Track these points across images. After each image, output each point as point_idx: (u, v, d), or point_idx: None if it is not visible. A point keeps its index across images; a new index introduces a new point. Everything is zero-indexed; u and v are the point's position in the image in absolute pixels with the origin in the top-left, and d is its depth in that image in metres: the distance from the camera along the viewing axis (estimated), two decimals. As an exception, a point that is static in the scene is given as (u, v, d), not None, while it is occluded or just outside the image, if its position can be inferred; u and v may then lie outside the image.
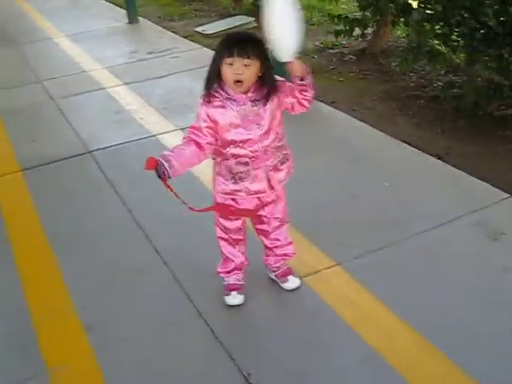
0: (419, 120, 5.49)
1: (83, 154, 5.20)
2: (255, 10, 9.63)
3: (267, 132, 2.83)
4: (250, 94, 2.78)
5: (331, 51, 7.62)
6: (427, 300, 3.13)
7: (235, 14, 9.87)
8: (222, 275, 3.23)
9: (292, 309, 3.20)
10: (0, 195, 4.65)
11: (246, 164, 2.85)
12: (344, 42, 7.83)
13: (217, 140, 2.85)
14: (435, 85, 6.11)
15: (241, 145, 2.82)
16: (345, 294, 3.21)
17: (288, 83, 2.85)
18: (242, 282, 3.24)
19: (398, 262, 3.43)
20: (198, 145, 2.82)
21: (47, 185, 4.76)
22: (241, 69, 2.68)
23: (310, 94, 2.84)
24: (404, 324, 2.96)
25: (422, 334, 2.89)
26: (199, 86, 6.38)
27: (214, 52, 2.78)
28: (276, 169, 2.91)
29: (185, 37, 8.87)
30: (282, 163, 2.94)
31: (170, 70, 7.26)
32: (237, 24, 8.95)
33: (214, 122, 2.80)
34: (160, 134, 5.41)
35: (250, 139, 2.81)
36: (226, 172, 2.90)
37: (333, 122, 5.33)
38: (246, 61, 2.67)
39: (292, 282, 3.26)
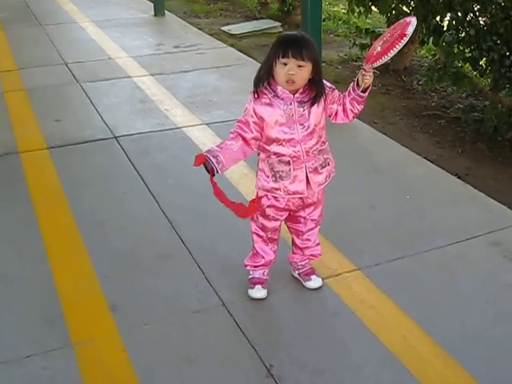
0: (439, 139, 5.61)
1: (109, 138, 5.29)
2: (280, 16, 9.78)
3: (311, 134, 2.92)
4: (297, 95, 2.88)
5: (355, 63, 7.73)
6: (444, 311, 3.22)
7: (261, 18, 9.98)
8: (249, 268, 3.32)
9: (313, 307, 3.29)
10: (27, 171, 4.73)
11: (288, 163, 2.94)
12: (368, 56, 7.94)
13: (262, 136, 2.94)
14: (456, 106, 6.22)
15: (284, 143, 2.91)
16: (364, 298, 3.30)
17: (338, 91, 2.95)
18: (267, 277, 3.32)
19: (416, 273, 3.51)
20: (245, 140, 2.92)
21: (73, 165, 4.86)
22: (294, 69, 2.77)
23: (359, 108, 2.92)
24: (422, 332, 3.05)
25: (439, 342, 2.98)
26: (224, 85, 6.64)
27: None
28: (316, 171, 3.00)
29: (210, 34, 8.98)
30: (323, 167, 3.03)
31: (195, 65, 7.35)
32: (263, 27, 9.07)
33: (261, 118, 2.90)
34: (185, 126, 5.50)
35: (293, 139, 2.90)
36: (267, 169, 2.99)
37: (355, 133, 5.41)
38: (300, 62, 2.76)
39: (315, 282, 3.36)
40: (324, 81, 2.94)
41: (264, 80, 2.89)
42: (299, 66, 2.77)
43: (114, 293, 3.36)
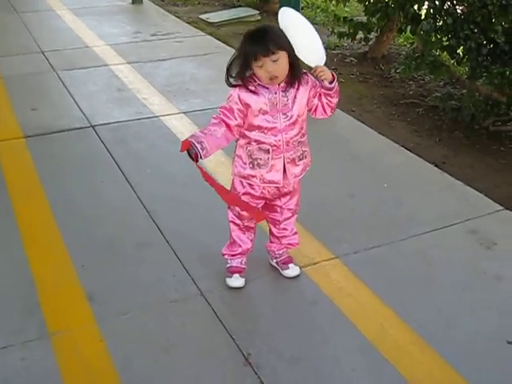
0: (417, 127, 5.63)
1: (86, 127, 5.25)
2: (258, 4, 9.75)
3: (293, 124, 2.92)
4: (282, 84, 2.87)
5: (333, 52, 7.71)
6: (421, 299, 3.24)
7: (239, 6, 9.94)
8: (226, 257, 3.32)
9: (290, 296, 3.29)
10: (2, 160, 4.68)
11: (267, 152, 2.93)
12: (346, 44, 7.95)
13: (244, 123, 2.93)
14: (434, 95, 6.24)
15: (265, 131, 2.90)
16: (342, 286, 3.31)
17: (312, 77, 2.94)
18: (244, 266, 3.32)
19: (394, 261, 3.54)
20: (228, 126, 2.90)
21: (50, 154, 4.81)
22: (271, 66, 2.75)
23: (334, 101, 2.94)
24: (399, 320, 3.07)
25: (416, 330, 3.00)
26: (202, 73, 6.61)
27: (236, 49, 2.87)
28: (293, 163, 3.00)
29: (188, 23, 8.93)
30: (300, 159, 3.03)
31: (173, 53, 7.31)
32: (242, 15, 9.03)
33: (246, 105, 2.87)
34: (163, 115, 5.47)
35: (275, 127, 2.90)
36: (245, 156, 2.98)
37: (333, 121, 5.36)
38: (273, 56, 2.74)
39: (292, 270, 3.36)
40: (309, 74, 2.93)
41: (245, 73, 2.85)
42: (274, 61, 2.75)
43: (91, 282, 3.34)
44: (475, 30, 5.05)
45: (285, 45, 2.79)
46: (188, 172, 4.12)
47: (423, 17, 5.70)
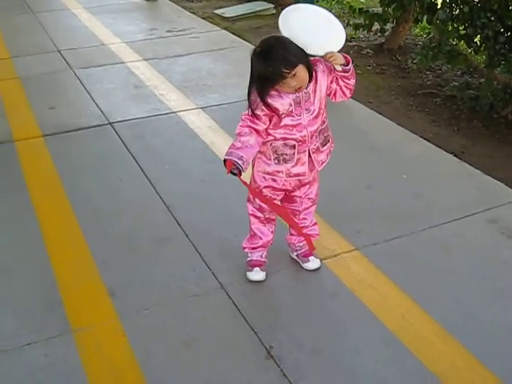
0: (435, 117, 5.60)
1: (104, 124, 5.27)
2: (273, -3, 9.71)
3: (316, 117, 2.93)
4: None
5: (349, 44, 7.65)
6: (442, 289, 3.23)
7: (254, 0, 9.91)
8: (247, 250, 3.32)
9: (311, 288, 3.29)
10: (22, 159, 4.71)
11: (293, 147, 2.94)
12: (362, 36, 7.91)
13: (270, 123, 2.92)
14: (452, 84, 6.19)
15: (290, 128, 2.90)
16: (363, 278, 3.31)
17: (327, 64, 2.92)
18: (265, 260, 3.33)
19: (414, 252, 3.52)
20: (257, 132, 2.90)
21: (68, 152, 4.83)
22: (292, 81, 2.75)
23: (351, 83, 2.92)
24: (420, 310, 3.07)
25: (438, 321, 3.00)
26: (218, 68, 6.61)
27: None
28: (318, 151, 3.02)
29: (203, 18, 8.92)
30: (323, 145, 3.04)
31: (189, 49, 7.30)
32: (256, 9, 9.00)
33: (272, 109, 2.86)
34: (180, 111, 5.48)
35: (300, 124, 2.90)
36: (270, 152, 2.98)
37: (351, 113, 5.39)
38: (291, 74, 2.73)
39: (313, 263, 3.36)
40: (324, 61, 2.91)
41: (260, 103, 2.85)
42: (294, 75, 2.74)
43: (113, 278, 3.36)
44: (492, 18, 4.99)
45: (296, 59, 2.75)
46: (206, 167, 4.16)
47: (439, 6, 5.64)
